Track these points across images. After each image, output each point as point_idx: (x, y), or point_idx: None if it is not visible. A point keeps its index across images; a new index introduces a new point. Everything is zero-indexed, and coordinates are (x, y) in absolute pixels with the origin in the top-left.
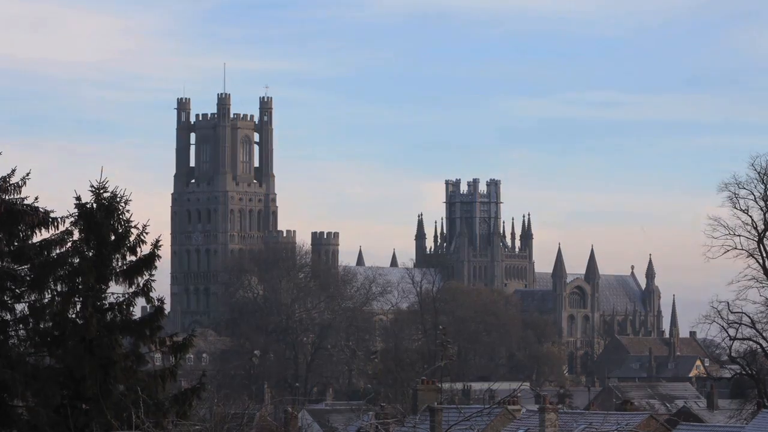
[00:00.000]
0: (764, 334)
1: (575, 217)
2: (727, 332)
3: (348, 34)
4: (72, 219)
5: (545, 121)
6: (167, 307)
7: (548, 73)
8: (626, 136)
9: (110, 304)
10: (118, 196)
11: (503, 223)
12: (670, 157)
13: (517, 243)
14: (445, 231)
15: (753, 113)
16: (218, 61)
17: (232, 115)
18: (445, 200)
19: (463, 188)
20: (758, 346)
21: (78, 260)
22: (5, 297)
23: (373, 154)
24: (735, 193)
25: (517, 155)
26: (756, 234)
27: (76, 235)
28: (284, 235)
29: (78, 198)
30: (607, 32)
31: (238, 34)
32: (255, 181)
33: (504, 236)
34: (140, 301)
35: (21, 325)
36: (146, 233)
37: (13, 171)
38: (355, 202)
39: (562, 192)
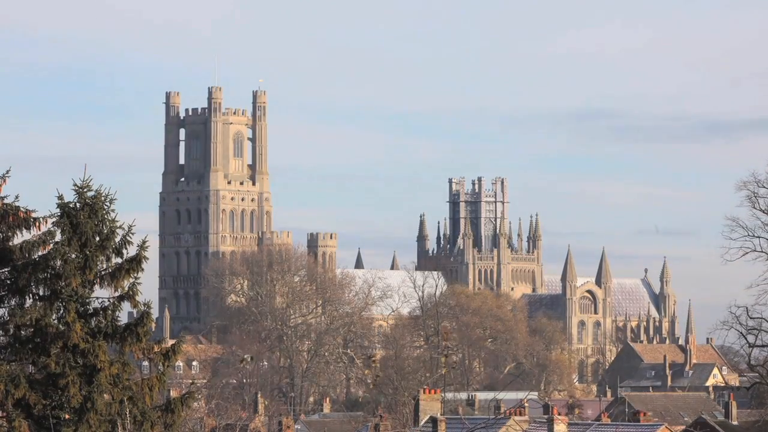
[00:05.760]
0: None
1: (584, 218)
2: (745, 339)
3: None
4: (54, 219)
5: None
6: (155, 313)
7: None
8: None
9: (94, 308)
10: (103, 195)
11: (509, 223)
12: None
13: (525, 244)
14: (448, 232)
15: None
16: (209, 52)
17: (223, 110)
18: (448, 199)
19: (468, 187)
20: None
21: (60, 263)
22: None
23: (372, 152)
24: (754, 192)
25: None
26: None
27: (58, 237)
28: (279, 236)
29: (60, 197)
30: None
31: (230, 25)
32: (248, 179)
33: (510, 237)
34: (126, 306)
35: (1, 331)
36: (132, 233)
37: None
38: (354, 201)
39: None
